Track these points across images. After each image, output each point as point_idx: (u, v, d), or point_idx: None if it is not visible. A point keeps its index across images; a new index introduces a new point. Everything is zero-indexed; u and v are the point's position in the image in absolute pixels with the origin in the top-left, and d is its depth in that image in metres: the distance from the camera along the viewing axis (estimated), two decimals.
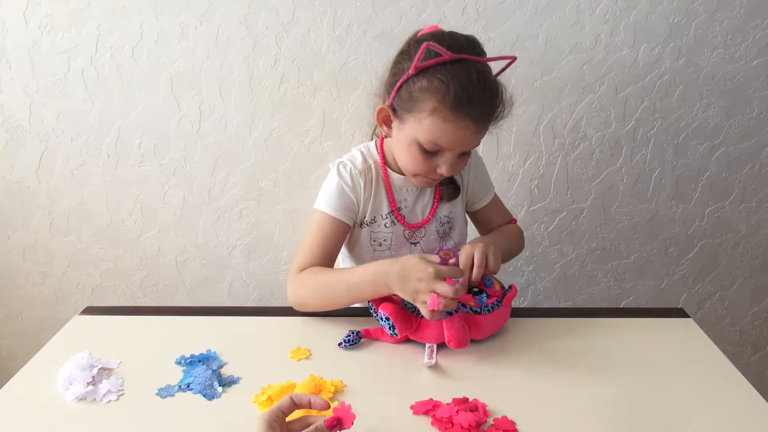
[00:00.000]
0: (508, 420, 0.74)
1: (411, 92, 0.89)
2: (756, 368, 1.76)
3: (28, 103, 1.45)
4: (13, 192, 1.56)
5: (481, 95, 0.87)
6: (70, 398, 0.81)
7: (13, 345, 1.78)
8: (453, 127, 0.88)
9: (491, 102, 0.90)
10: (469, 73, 0.85)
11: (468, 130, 0.89)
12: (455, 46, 0.87)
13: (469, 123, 0.88)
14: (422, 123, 0.89)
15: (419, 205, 1.08)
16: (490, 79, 0.89)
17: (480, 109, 0.88)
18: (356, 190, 1.04)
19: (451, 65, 0.86)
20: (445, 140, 0.90)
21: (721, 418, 0.76)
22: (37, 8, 1.36)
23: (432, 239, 1.10)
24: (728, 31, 1.36)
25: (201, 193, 1.56)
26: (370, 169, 1.05)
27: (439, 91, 0.86)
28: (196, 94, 1.44)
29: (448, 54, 0.85)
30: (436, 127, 0.88)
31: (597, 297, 1.68)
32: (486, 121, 0.91)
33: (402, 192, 1.07)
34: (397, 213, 1.06)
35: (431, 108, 0.87)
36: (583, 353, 0.91)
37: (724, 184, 1.52)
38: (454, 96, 0.85)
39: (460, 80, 0.85)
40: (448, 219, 1.10)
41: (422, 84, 0.87)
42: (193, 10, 1.36)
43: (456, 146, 0.91)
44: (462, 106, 0.86)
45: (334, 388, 0.81)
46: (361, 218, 1.06)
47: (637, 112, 1.45)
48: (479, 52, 0.90)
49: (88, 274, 1.67)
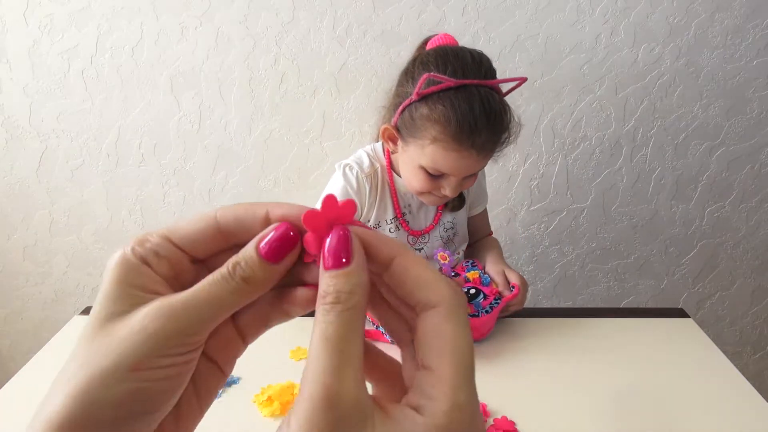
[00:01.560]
0: (508, 420, 0.74)
1: (414, 118, 0.87)
2: (756, 368, 1.76)
3: (28, 103, 1.45)
4: (13, 192, 1.56)
5: (484, 124, 0.83)
6: None
7: (13, 345, 1.78)
8: (455, 156, 0.86)
9: (496, 130, 0.87)
10: (471, 101, 0.82)
11: (471, 159, 0.87)
12: (460, 71, 0.84)
13: (473, 152, 0.86)
14: (425, 150, 0.88)
15: (423, 211, 1.07)
16: (495, 104, 0.85)
17: (484, 138, 0.85)
18: (362, 194, 1.02)
19: (455, 92, 0.83)
20: (447, 168, 0.88)
21: (721, 418, 0.76)
22: (37, 8, 1.36)
23: (435, 245, 1.09)
24: (728, 31, 1.36)
25: (201, 193, 1.55)
26: (377, 173, 1.03)
27: (441, 121, 0.83)
28: (196, 94, 1.44)
29: (451, 81, 0.82)
30: (438, 155, 0.87)
31: (597, 297, 1.68)
32: (490, 149, 0.88)
33: (406, 198, 1.06)
34: (402, 219, 1.05)
35: (433, 137, 0.85)
36: (583, 353, 0.91)
37: (724, 184, 1.52)
38: (456, 126, 0.83)
39: (462, 110, 0.82)
40: (452, 225, 1.10)
41: (424, 111, 0.85)
42: (193, 10, 1.36)
43: (460, 173, 0.90)
44: (464, 136, 0.83)
45: None
46: (365, 222, 1.06)
47: (637, 112, 1.45)
48: (486, 72, 0.86)
49: (88, 274, 1.67)
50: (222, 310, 0.24)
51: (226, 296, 0.24)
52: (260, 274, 0.24)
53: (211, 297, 0.24)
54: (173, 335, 0.23)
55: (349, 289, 0.22)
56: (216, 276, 0.24)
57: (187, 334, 0.23)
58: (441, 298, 0.23)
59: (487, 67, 0.88)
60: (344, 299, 0.22)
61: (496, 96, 0.86)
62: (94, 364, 0.22)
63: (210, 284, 0.24)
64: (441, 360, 0.22)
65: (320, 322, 0.22)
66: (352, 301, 0.22)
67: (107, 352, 0.22)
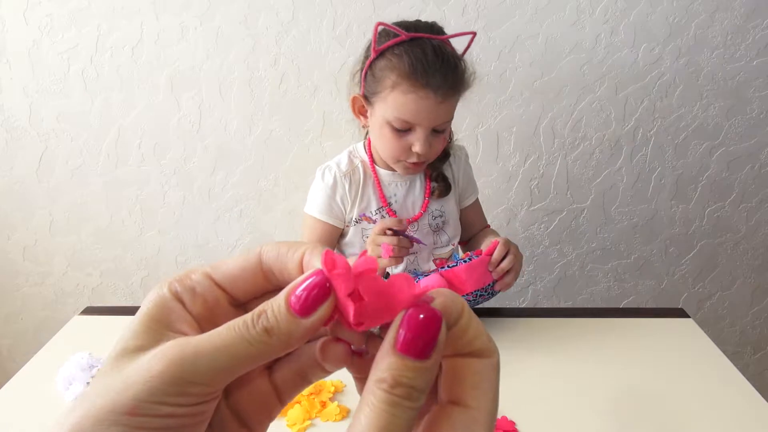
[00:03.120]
0: (508, 420, 0.74)
1: (374, 74, 0.93)
2: (756, 368, 1.76)
3: (28, 103, 1.45)
4: (13, 192, 1.56)
5: (438, 65, 0.89)
6: (70, 398, 0.81)
7: (13, 345, 1.78)
8: (414, 98, 0.90)
9: (450, 71, 0.91)
10: (424, 47, 0.89)
11: (430, 100, 0.90)
12: (411, 28, 0.92)
13: (429, 93, 0.89)
14: (387, 100, 0.92)
15: (410, 199, 1.09)
16: (448, 51, 0.92)
17: (439, 79, 0.89)
18: (339, 193, 1.07)
19: (408, 43, 0.90)
20: (409, 113, 0.91)
21: (721, 418, 0.76)
22: (37, 8, 1.36)
23: (425, 233, 1.10)
24: (728, 31, 1.36)
25: (201, 193, 1.55)
26: (357, 170, 1.07)
27: (397, 66, 0.89)
28: (196, 94, 1.44)
29: (404, 33, 0.89)
30: (399, 100, 0.91)
31: (597, 297, 1.68)
32: (447, 90, 0.91)
33: (391, 187, 1.08)
34: (388, 208, 1.07)
35: (392, 83, 0.90)
36: (583, 353, 0.91)
37: (724, 184, 1.52)
38: (410, 68, 0.88)
39: (415, 54, 0.89)
40: (440, 213, 1.11)
41: (382, 63, 0.92)
42: (193, 10, 1.36)
43: (422, 119, 0.92)
44: (419, 76, 0.88)
45: (334, 388, 0.82)
46: (349, 218, 1.09)
47: (637, 112, 1.45)
48: (438, 31, 0.94)
49: (88, 274, 1.67)
50: (237, 362, 0.21)
51: (242, 347, 0.21)
52: (285, 327, 0.21)
53: (225, 345, 0.21)
54: (175, 381, 0.20)
55: (423, 387, 0.20)
56: (237, 322, 0.21)
57: (190, 382, 0.20)
58: (493, 352, 0.23)
59: (438, 28, 0.95)
60: (415, 397, 0.19)
61: (449, 47, 0.93)
62: (92, 400, 0.20)
63: (227, 330, 0.21)
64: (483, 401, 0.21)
65: (383, 411, 0.19)
66: (421, 399, 0.20)
67: (107, 390, 0.20)
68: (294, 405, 0.78)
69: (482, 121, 1.46)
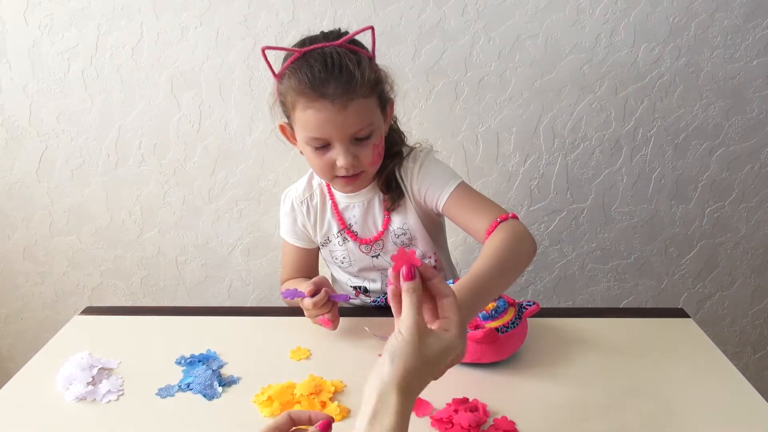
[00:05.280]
0: (508, 420, 0.74)
1: (282, 99, 0.92)
2: (756, 368, 1.76)
3: (28, 103, 1.45)
4: (13, 192, 1.56)
5: (327, 74, 0.85)
6: (70, 398, 0.81)
7: (13, 345, 1.78)
8: (313, 113, 0.87)
9: (342, 77, 0.85)
10: (310, 60, 0.86)
11: (328, 111, 0.86)
12: (307, 42, 0.90)
13: (326, 103, 0.85)
14: (296, 121, 0.91)
15: (369, 219, 1.06)
16: (336, 56, 0.86)
17: (332, 87, 0.85)
18: (299, 219, 1.09)
19: (300, 59, 0.88)
20: (315, 129, 0.88)
21: (721, 418, 0.76)
22: (37, 8, 1.36)
23: (392, 250, 1.07)
24: (728, 31, 1.36)
25: (201, 193, 1.56)
26: (314, 195, 1.08)
27: (292, 85, 0.88)
28: (196, 94, 1.44)
29: (295, 50, 0.88)
30: (302, 118, 0.89)
31: (597, 297, 1.68)
32: (344, 96, 0.85)
33: (349, 209, 1.06)
34: (348, 230, 1.06)
35: (293, 103, 0.89)
36: (583, 353, 0.91)
37: (724, 184, 1.52)
38: (301, 83, 0.86)
39: (302, 68, 0.86)
40: (403, 231, 1.05)
41: (283, 87, 0.90)
42: (193, 10, 1.36)
43: (330, 131, 0.88)
44: (311, 89, 0.86)
45: (334, 388, 0.81)
46: (317, 240, 1.11)
47: (637, 112, 1.45)
48: (335, 37, 0.89)
49: (88, 274, 1.67)
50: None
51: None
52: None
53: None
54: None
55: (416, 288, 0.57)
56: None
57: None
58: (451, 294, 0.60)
59: (337, 33, 0.91)
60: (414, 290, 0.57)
61: (342, 50, 0.87)
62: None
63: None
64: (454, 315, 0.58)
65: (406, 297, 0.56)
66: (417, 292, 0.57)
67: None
68: (294, 405, 0.78)
69: (482, 121, 1.46)
